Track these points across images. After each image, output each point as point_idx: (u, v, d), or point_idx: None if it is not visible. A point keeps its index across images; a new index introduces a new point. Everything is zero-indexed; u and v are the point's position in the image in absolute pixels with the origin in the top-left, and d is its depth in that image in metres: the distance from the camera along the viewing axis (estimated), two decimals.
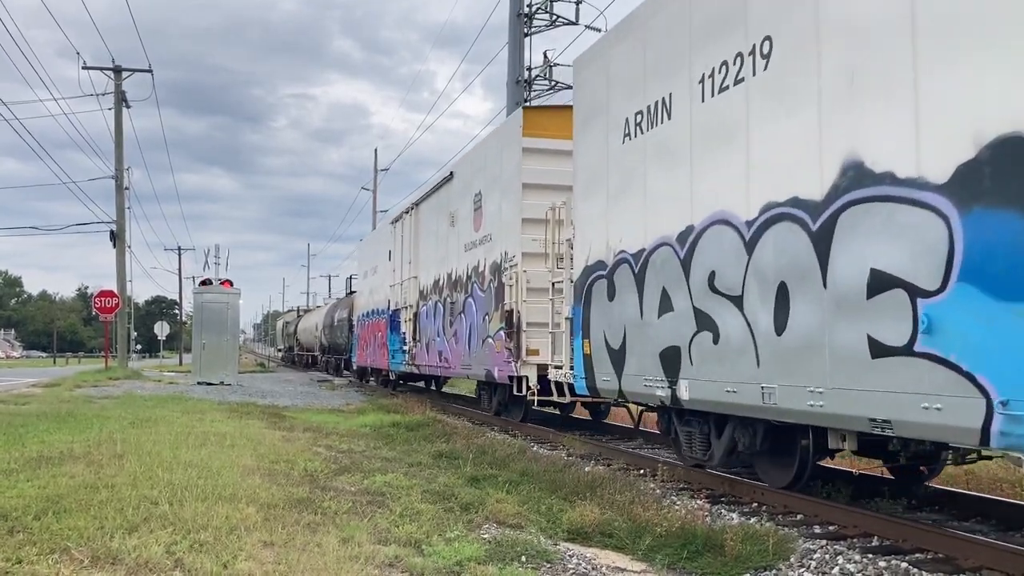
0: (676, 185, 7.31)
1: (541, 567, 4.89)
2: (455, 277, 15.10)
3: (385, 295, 21.19)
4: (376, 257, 23.33)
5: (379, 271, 22.49)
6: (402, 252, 19.28)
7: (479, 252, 13.71)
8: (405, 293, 18.80)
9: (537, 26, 21.97)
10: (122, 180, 32.05)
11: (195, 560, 4.42)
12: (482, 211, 13.71)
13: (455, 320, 14.94)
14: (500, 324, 12.39)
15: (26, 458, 7.64)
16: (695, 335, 7.00)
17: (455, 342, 14.93)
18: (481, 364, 13.49)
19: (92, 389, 20.59)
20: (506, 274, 12.28)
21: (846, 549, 5.60)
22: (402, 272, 19.22)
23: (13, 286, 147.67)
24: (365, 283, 25.48)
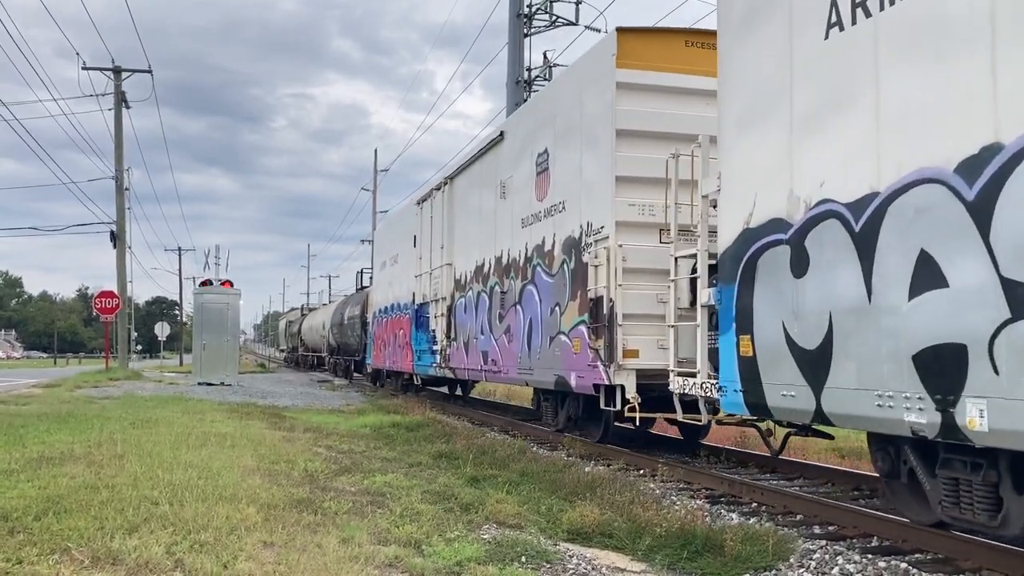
0: (954, 84, 4.75)
1: (541, 567, 4.89)
2: (507, 261, 12.27)
3: (408, 287, 18.49)
4: (396, 244, 20.44)
5: (401, 260, 19.75)
6: (431, 236, 16.42)
7: (544, 227, 10.94)
8: (436, 284, 16.02)
9: (537, 26, 21.99)
10: (122, 181, 32.07)
11: (195, 560, 4.43)
12: (549, 175, 10.80)
13: (507, 313, 12.17)
14: (580, 317, 9.67)
15: (27, 458, 7.64)
16: (1006, 325, 4.36)
17: (507, 340, 12.13)
18: (548, 368, 10.63)
19: (92, 390, 20.60)
20: (589, 252, 9.46)
21: (846, 549, 5.60)
22: (431, 259, 16.37)
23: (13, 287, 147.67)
24: (383, 275, 22.48)
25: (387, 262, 21.78)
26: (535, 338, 11.12)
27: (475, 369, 13.80)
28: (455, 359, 14.84)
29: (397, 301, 20.07)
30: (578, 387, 9.82)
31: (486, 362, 13.12)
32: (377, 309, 23.05)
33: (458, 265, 14.90)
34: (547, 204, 10.89)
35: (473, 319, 13.81)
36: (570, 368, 9.94)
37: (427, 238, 16.79)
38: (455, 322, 14.90)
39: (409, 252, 18.59)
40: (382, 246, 23.03)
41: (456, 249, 15.08)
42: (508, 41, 21.70)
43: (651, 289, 8.91)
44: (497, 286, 12.65)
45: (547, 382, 10.80)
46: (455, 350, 14.81)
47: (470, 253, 14.17)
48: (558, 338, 10.32)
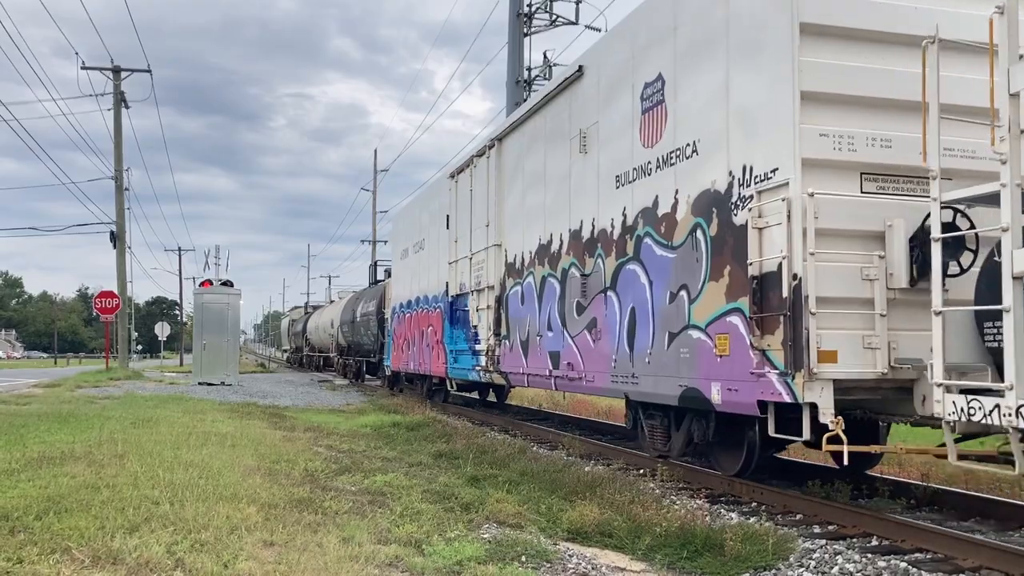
0: None
1: (541, 567, 4.90)
2: (591, 234, 9.48)
3: (439, 277, 15.81)
4: (422, 228, 17.63)
5: (429, 246, 16.99)
6: (471, 214, 13.81)
7: (657, 181, 8.08)
8: (478, 270, 13.45)
9: (537, 26, 22.00)
10: (122, 181, 32.07)
11: (196, 560, 4.43)
12: (665, 110, 8.00)
13: (591, 303, 9.43)
14: (730, 303, 6.91)
15: (27, 458, 7.65)
16: None
17: (591, 338, 9.40)
18: (668, 376, 7.78)
19: (93, 389, 20.61)
20: (747, 209, 6.68)
21: (845, 549, 5.61)
22: (471, 241, 13.74)
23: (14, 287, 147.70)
24: (404, 265, 19.64)
25: (409, 249, 19.03)
26: (641, 335, 8.27)
27: (539, 375, 10.94)
28: (508, 361, 12.10)
29: (424, 294, 17.34)
30: (727, 404, 6.91)
31: (556, 366, 10.30)
32: (397, 304, 20.34)
33: (511, 245, 12.14)
34: (662, 150, 8.02)
35: (534, 312, 11.11)
36: (710, 376, 7.08)
37: (465, 216, 14.13)
38: (507, 316, 12.18)
39: (440, 235, 15.89)
40: (403, 231, 20.11)
41: (508, 226, 12.29)
42: (508, 41, 21.71)
43: (852, 260, 6.29)
44: (574, 268, 9.89)
45: (665, 395, 7.83)
46: (507, 350, 12.12)
47: (530, 229, 11.35)
48: (686, 335, 7.48)
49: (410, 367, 18.71)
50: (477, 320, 13.56)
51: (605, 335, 9.09)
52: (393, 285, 21.55)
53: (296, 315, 60.26)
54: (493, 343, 12.75)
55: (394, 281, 21.39)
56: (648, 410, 8.85)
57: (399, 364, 20.14)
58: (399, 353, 20.09)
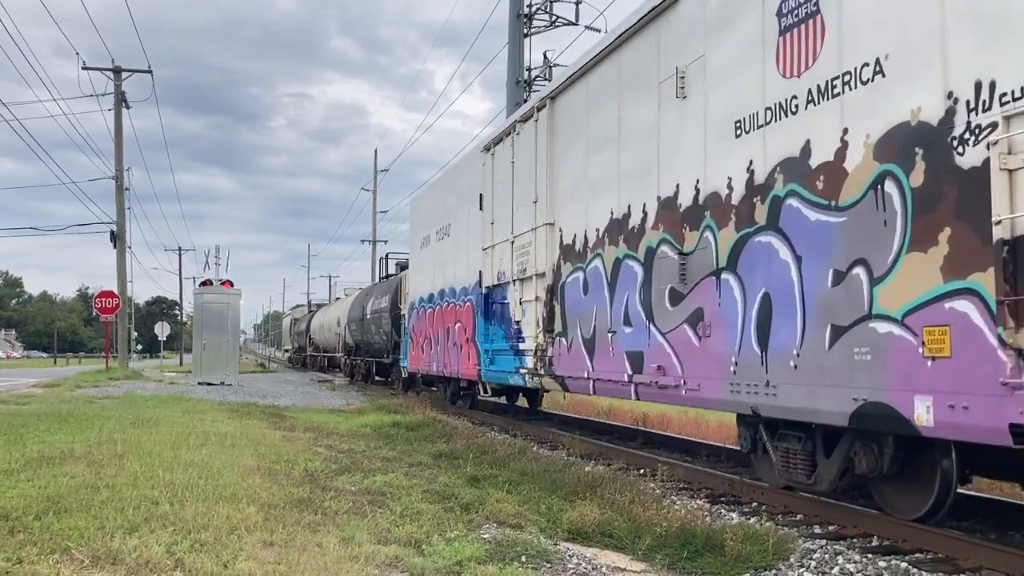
0: None
1: (541, 567, 4.90)
2: (696, 199, 7.37)
3: (470, 266, 13.91)
4: (448, 212, 15.56)
5: (456, 232, 15.05)
6: (513, 190, 11.87)
7: (809, 121, 6.14)
8: (522, 255, 11.51)
9: (537, 27, 21.99)
10: (122, 181, 32.08)
11: (196, 560, 4.43)
12: (822, 21, 6.08)
13: (694, 289, 7.37)
14: (954, 281, 4.94)
15: (27, 458, 7.65)
16: None
17: (699, 334, 7.28)
18: (840, 384, 5.69)
19: (93, 389, 20.61)
20: (988, 144, 4.77)
21: (846, 549, 5.60)
22: (514, 222, 11.78)
23: (14, 287, 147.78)
24: (424, 255, 17.50)
25: (432, 237, 16.85)
26: (781, 330, 6.27)
27: (612, 380, 8.80)
28: (565, 363, 9.99)
29: (450, 286, 15.30)
30: (946, 427, 4.92)
31: (638, 370, 8.23)
32: (417, 299, 18.13)
33: (568, 223, 10.09)
34: (818, 78, 6.08)
35: (603, 302, 9.03)
36: (914, 387, 5.11)
37: (504, 194, 12.20)
38: (563, 308, 10.11)
39: (471, 219, 13.91)
40: (424, 217, 17.74)
41: (564, 201, 10.26)
42: (508, 41, 21.71)
43: None
44: (665, 246, 7.84)
45: (826, 411, 5.81)
46: (562, 350, 10.07)
47: (597, 201, 9.32)
48: (866, 329, 5.52)
49: (432, 368, 16.50)
50: (520, 314, 11.52)
51: (718, 330, 6.95)
52: (411, 278, 19.10)
53: (299, 314, 58.11)
54: (543, 341, 10.66)
55: (412, 273, 18.95)
56: (780, 429, 6.82)
57: (418, 365, 17.85)
58: (418, 353, 17.81)
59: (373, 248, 49.36)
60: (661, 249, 7.96)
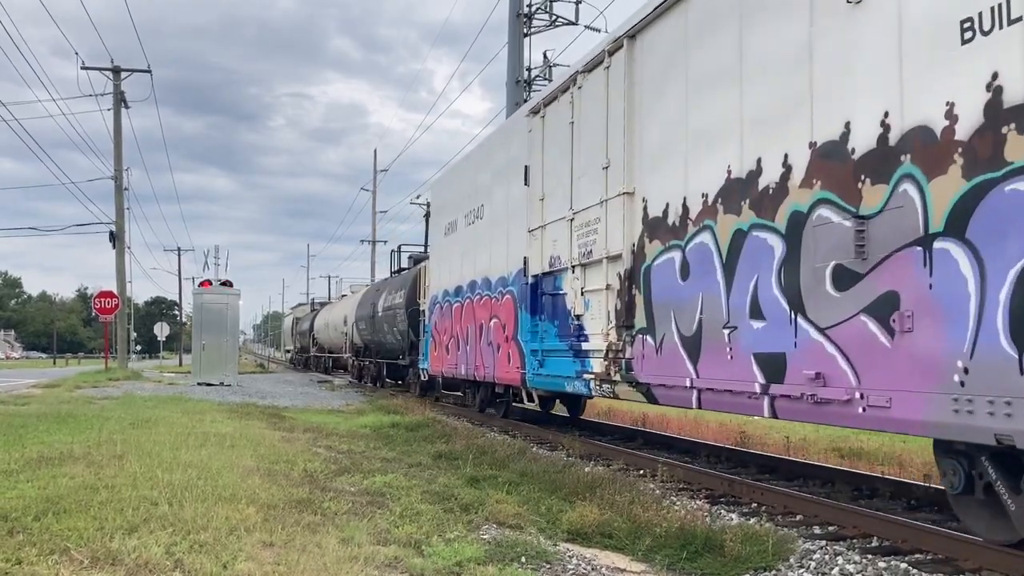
0: None
1: (541, 567, 4.89)
2: (885, 141, 5.47)
3: (510, 252, 12.04)
4: (480, 192, 13.70)
5: (490, 214, 13.14)
6: (573, 156, 9.87)
7: None
8: (586, 235, 9.50)
9: (537, 26, 22.00)
10: (121, 181, 32.07)
11: (195, 561, 4.42)
12: None
13: (882, 267, 5.44)
14: None
15: (26, 459, 7.64)
16: None
17: (890, 328, 5.33)
18: None
19: (92, 390, 20.60)
20: None
21: (846, 549, 5.60)
22: (574, 196, 9.80)
23: (13, 287, 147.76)
24: (451, 242, 15.49)
25: (459, 222, 14.93)
26: None
27: (733, 391, 6.82)
28: (651, 367, 8.06)
29: (483, 276, 13.35)
30: None
31: (779, 378, 6.30)
32: (440, 292, 16.17)
33: (656, 191, 8.13)
34: None
35: (714, 289, 7.12)
36: None
37: (560, 162, 10.25)
38: (647, 298, 8.18)
39: (512, 197, 12.03)
40: (448, 201, 15.85)
41: (650, 162, 8.27)
42: (508, 41, 21.72)
43: None
44: (826, 209, 5.90)
45: None
46: (648, 351, 8.12)
47: (704, 158, 7.36)
48: None
49: (460, 371, 14.48)
50: (582, 307, 9.54)
51: (929, 324, 5.04)
52: (432, 270, 17.06)
53: (301, 312, 55.49)
54: (617, 340, 8.64)
55: (434, 264, 16.94)
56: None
57: (441, 367, 15.79)
58: (441, 354, 15.75)
59: (373, 248, 49.39)
60: (818, 213, 5.94)
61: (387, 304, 22.64)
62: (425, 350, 17.42)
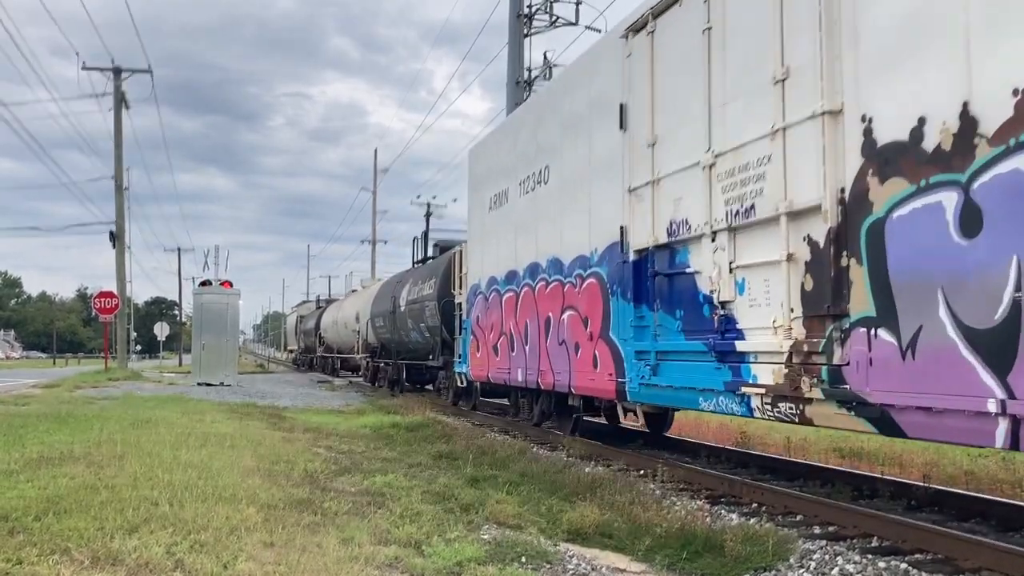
0: None
1: (541, 568, 4.89)
2: None
3: (594, 222, 9.29)
4: (543, 151, 10.80)
5: (559, 175, 10.26)
6: (711, 77, 7.16)
7: None
8: (746, 185, 6.66)
9: (537, 27, 22.01)
10: (121, 181, 32.08)
11: (195, 561, 4.42)
12: None
13: None
14: None
15: (26, 459, 7.64)
16: None
17: None
18: None
19: (92, 390, 20.60)
20: None
21: (846, 550, 5.60)
22: (718, 131, 7.05)
23: (13, 287, 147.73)
24: (499, 218, 12.49)
25: (509, 192, 12.01)
26: None
27: None
28: (894, 378, 5.16)
29: (551, 256, 10.37)
30: None
31: None
32: (482, 281, 13.25)
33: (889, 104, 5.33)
34: None
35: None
36: None
37: (686, 90, 7.52)
38: (877, 271, 5.34)
39: (597, 149, 9.21)
40: (494, 168, 12.84)
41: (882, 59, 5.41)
42: (508, 41, 21.74)
43: None
44: None
45: None
46: (884, 354, 5.23)
47: None
48: None
49: (515, 377, 11.57)
50: (731, 291, 6.85)
51: None
52: (472, 254, 14.03)
53: (305, 310, 52.08)
54: (812, 337, 5.91)
55: (474, 248, 13.90)
56: None
57: (486, 371, 12.95)
58: (486, 355, 12.93)
59: (372, 248, 49.43)
60: None
61: (412, 297, 19.58)
62: (464, 350, 14.38)
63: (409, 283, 20.51)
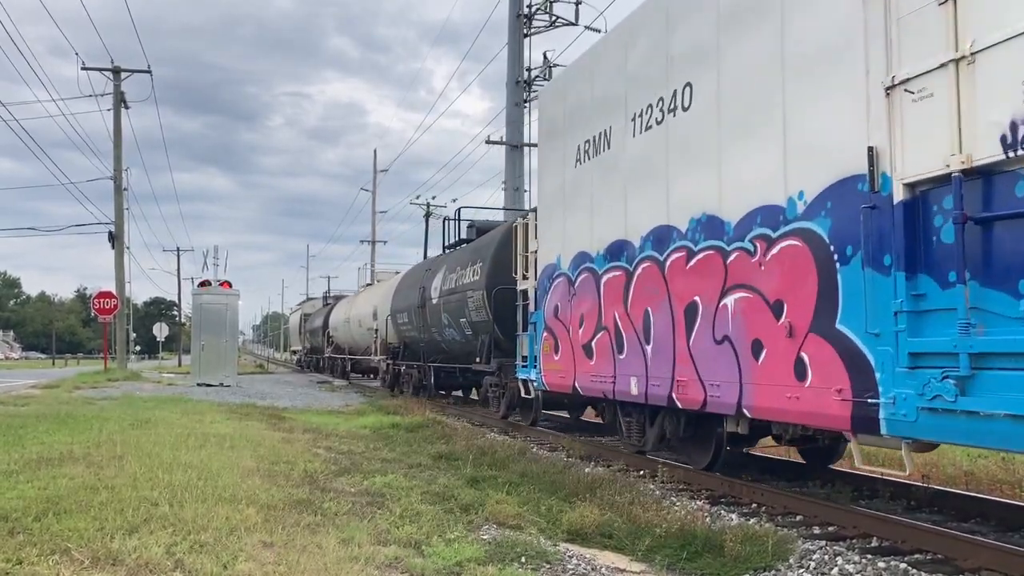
0: None
1: (541, 568, 4.89)
2: None
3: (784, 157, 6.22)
4: (673, 68, 7.79)
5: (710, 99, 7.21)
6: None
7: None
8: None
9: (537, 27, 22.03)
10: (121, 181, 32.06)
11: (195, 561, 4.42)
12: None
13: None
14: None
15: (26, 459, 7.64)
16: None
17: None
18: None
19: (91, 390, 20.58)
20: None
21: (845, 550, 5.60)
22: None
23: (12, 287, 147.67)
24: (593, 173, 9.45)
25: (612, 135, 9.00)
26: None
27: None
28: None
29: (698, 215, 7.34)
30: None
31: None
32: (562, 260, 10.18)
33: None
34: None
35: None
36: None
37: None
38: None
39: (798, 37, 6.13)
40: (587, 102, 9.69)
41: None
42: (508, 41, 21.76)
43: None
44: None
45: None
46: None
47: None
48: None
49: (623, 387, 8.56)
50: None
51: None
52: (545, 226, 10.82)
53: (311, 308, 48.70)
54: None
55: (548, 217, 10.69)
56: None
57: (570, 378, 9.83)
58: (570, 357, 9.86)
59: (372, 248, 49.40)
60: None
61: (450, 286, 16.09)
62: (532, 351, 11.19)
63: (443, 270, 16.92)
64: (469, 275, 14.94)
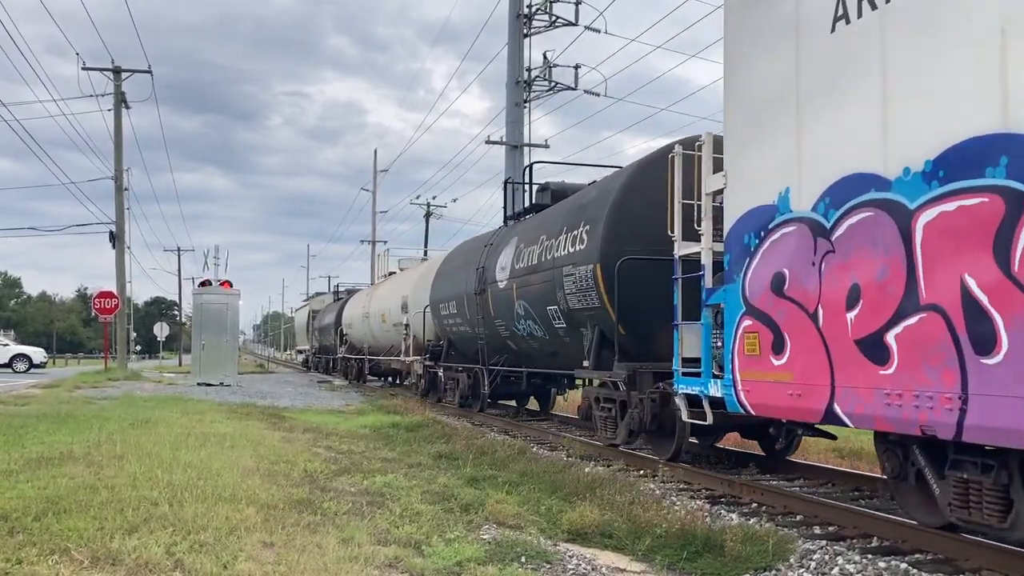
0: None
1: (541, 567, 4.89)
2: None
3: None
4: None
5: None
6: None
7: None
8: None
9: (536, 27, 22.03)
10: (121, 181, 32.06)
11: (195, 561, 4.42)
12: None
13: None
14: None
15: (26, 459, 7.64)
16: None
17: None
18: None
19: (91, 390, 20.58)
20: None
21: (846, 550, 5.60)
22: None
23: (12, 287, 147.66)
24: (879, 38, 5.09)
25: None
26: None
27: None
28: None
29: None
30: None
31: None
32: (789, 198, 6.00)
33: None
34: None
35: None
36: None
37: None
38: None
39: None
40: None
41: None
42: (508, 41, 21.76)
43: None
44: None
45: None
46: None
47: None
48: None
49: (939, 417, 4.61)
50: None
51: None
52: (745, 149, 6.58)
53: (320, 304, 44.48)
54: None
55: (755, 134, 6.43)
56: None
57: (813, 398, 5.67)
58: (801, 362, 5.84)
59: (372, 248, 49.39)
60: None
61: (529, 263, 12.23)
62: (705, 351, 7.40)
63: (513, 243, 13.14)
64: (565, 245, 10.81)
